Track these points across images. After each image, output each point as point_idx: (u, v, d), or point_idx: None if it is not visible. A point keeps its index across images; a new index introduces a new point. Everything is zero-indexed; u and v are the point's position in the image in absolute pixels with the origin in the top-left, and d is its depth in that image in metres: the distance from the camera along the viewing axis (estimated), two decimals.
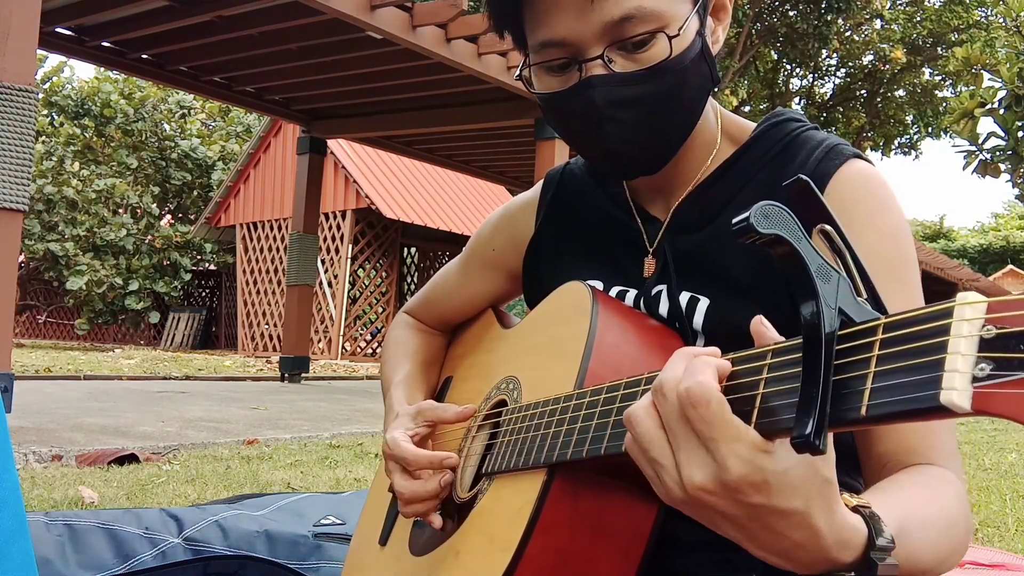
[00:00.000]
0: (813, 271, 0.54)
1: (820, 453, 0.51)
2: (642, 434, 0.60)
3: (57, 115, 16.77)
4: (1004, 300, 0.44)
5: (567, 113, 0.89)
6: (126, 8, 5.95)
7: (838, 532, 0.58)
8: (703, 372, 0.57)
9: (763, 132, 0.93)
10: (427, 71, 6.71)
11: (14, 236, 3.79)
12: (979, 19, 18.68)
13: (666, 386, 0.59)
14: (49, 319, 18.14)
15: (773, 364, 0.56)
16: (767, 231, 0.54)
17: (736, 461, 0.55)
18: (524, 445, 0.82)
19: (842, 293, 0.54)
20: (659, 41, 0.83)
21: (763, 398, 0.56)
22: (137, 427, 4.44)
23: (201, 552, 1.42)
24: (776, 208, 0.55)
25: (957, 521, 0.71)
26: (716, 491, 0.56)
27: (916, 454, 0.77)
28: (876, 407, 0.49)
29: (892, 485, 0.73)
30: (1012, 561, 2.12)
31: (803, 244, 0.54)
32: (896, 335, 0.49)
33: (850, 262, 0.57)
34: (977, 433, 5.46)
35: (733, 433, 0.55)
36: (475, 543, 0.85)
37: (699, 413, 0.56)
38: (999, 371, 0.43)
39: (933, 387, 0.45)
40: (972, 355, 0.44)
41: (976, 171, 9.70)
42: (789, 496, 0.56)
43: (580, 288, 0.90)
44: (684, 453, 0.57)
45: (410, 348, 1.23)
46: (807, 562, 0.59)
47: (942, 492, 0.73)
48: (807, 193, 0.58)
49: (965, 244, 30.05)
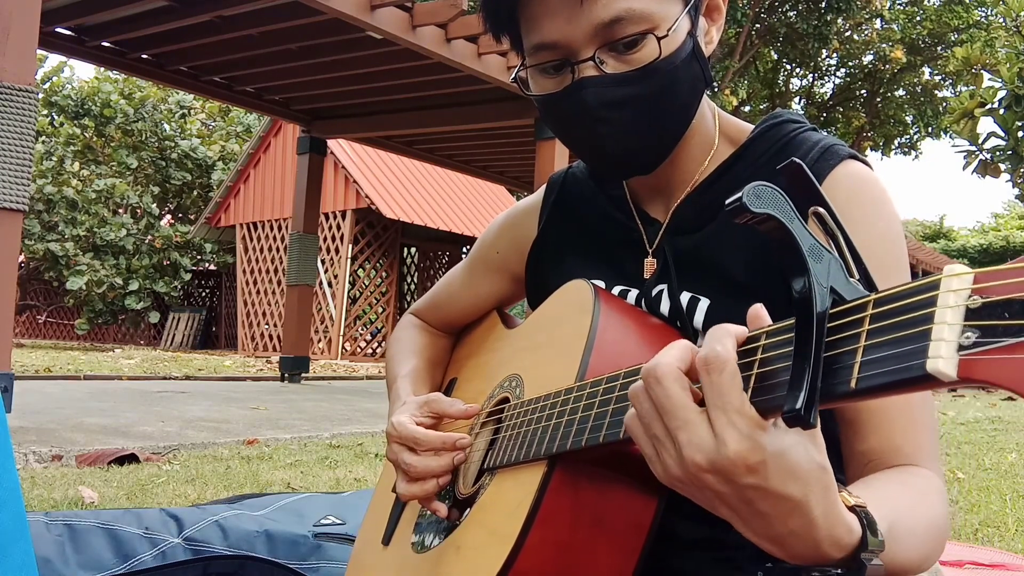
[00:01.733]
0: (805, 250, 0.54)
1: (811, 427, 0.52)
2: (646, 411, 0.61)
3: (57, 115, 16.77)
4: (991, 271, 0.44)
5: (562, 114, 0.90)
6: (126, 8, 5.95)
7: (832, 527, 0.58)
8: (723, 340, 0.58)
9: (761, 133, 0.94)
10: (427, 71, 6.72)
11: (14, 236, 3.79)
12: (979, 19, 18.67)
13: (660, 369, 0.60)
14: (49, 319, 18.15)
15: (768, 344, 0.57)
16: (759, 210, 0.55)
17: (735, 434, 0.55)
18: (525, 439, 0.83)
19: (834, 273, 0.55)
20: (649, 42, 0.84)
21: (758, 377, 0.57)
22: (137, 427, 4.44)
23: (201, 552, 1.42)
24: (768, 189, 0.55)
25: (939, 525, 0.72)
26: (713, 469, 0.57)
27: (901, 454, 0.78)
28: (866, 379, 0.49)
29: (882, 485, 0.73)
30: (1012, 561, 2.12)
31: (795, 224, 0.55)
32: (885, 310, 0.50)
33: (842, 243, 0.57)
34: (977, 433, 5.46)
35: (737, 405, 0.56)
36: (476, 537, 0.86)
37: (712, 379, 0.56)
38: (984, 338, 0.43)
39: (920, 356, 0.46)
40: (958, 324, 0.44)
41: (976, 171, 9.70)
42: (786, 480, 0.56)
43: (583, 286, 0.91)
44: (684, 433, 0.58)
45: (416, 346, 1.25)
46: (798, 551, 0.59)
47: (927, 496, 0.74)
48: (800, 176, 0.59)
49: (965, 244, 30.03)
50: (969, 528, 2.64)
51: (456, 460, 0.94)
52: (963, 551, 2.17)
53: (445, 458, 0.94)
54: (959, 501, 3.06)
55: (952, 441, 4.98)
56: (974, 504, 3.02)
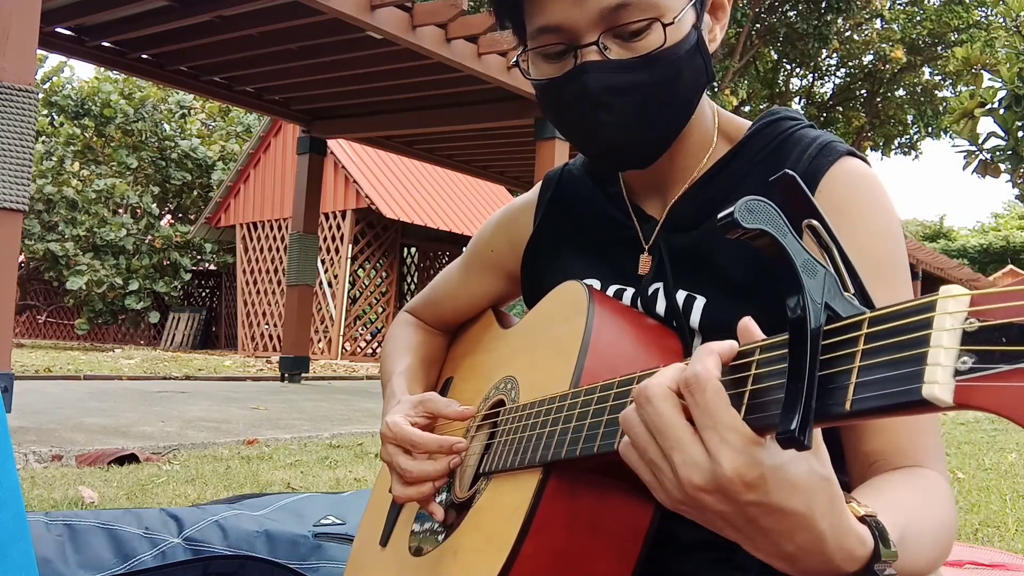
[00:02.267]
0: (799, 266, 0.54)
1: (805, 448, 0.50)
2: (639, 435, 0.60)
3: (57, 115, 16.76)
4: (987, 293, 0.43)
5: (562, 100, 0.89)
6: (126, 8, 5.95)
7: (842, 539, 0.57)
8: (704, 359, 0.57)
9: (758, 130, 0.94)
10: (427, 71, 6.71)
11: (14, 236, 3.79)
12: (979, 19, 18.67)
13: (650, 390, 0.59)
14: (49, 319, 18.14)
15: (761, 360, 0.56)
16: (751, 226, 0.54)
17: (728, 451, 0.55)
18: (520, 444, 0.82)
19: (828, 288, 0.54)
20: (654, 30, 0.84)
21: (751, 394, 0.56)
22: (137, 427, 4.44)
23: (201, 552, 1.42)
24: (761, 203, 0.54)
25: (947, 527, 0.72)
26: (712, 488, 0.56)
27: (905, 455, 0.77)
28: (860, 402, 0.48)
29: (891, 489, 0.72)
30: (1012, 561, 2.12)
31: (788, 239, 0.54)
32: (881, 329, 0.49)
33: (837, 257, 0.56)
34: (977, 433, 5.46)
35: (728, 421, 0.55)
36: (472, 542, 0.85)
37: (695, 399, 0.56)
38: (981, 364, 0.42)
39: (916, 381, 0.45)
40: (955, 348, 0.43)
41: (976, 171, 9.69)
42: (788, 494, 0.55)
43: (576, 287, 0.91)
44: (678, 453, 0.57)
45: (411, 343, 1.24)
46: (810, 568, 0.58)
47: (935, 499, 0.73)
48: (793, 188, 0.58)
49: (965, 244, 30.04)
50: (969, 528, 2.64)
51: (452, 464, 0.93)
52: (963, 551, 2.17)
53: (441, 462, 0.93)
54: (959, 501, 3.05)
55: (952, 441, 4.97)
56: (974, 504, 3.01)
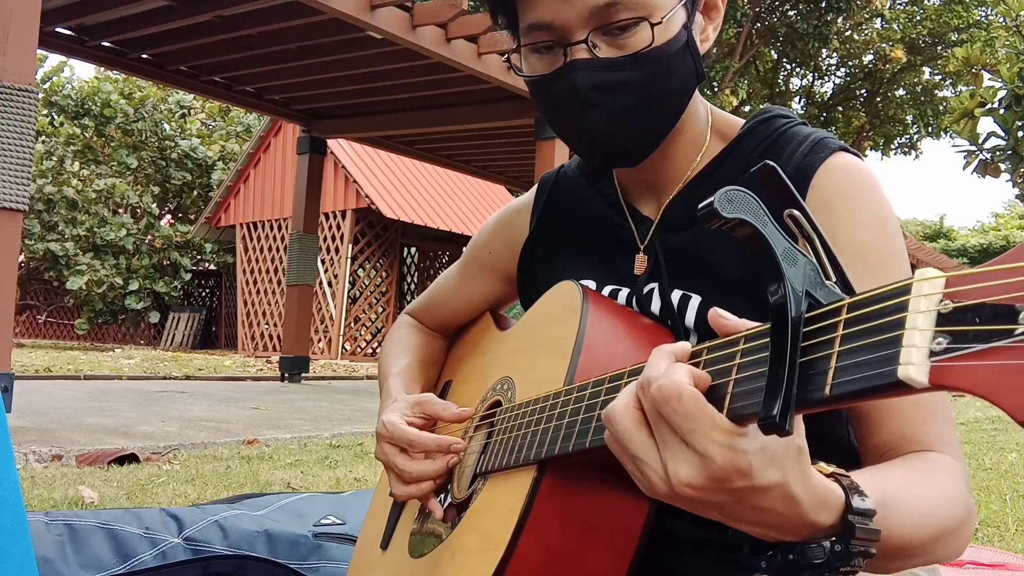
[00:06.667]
0: (779, 255, 0.54)
1: (787, 434, 0.51)
2: (621, 432, 0.61)
3: (57, 115, 16.77)
4: (962, 274, 0.44)
5: (551, 97, 0.90)
6: (126, 8, 5.95)
7: (814, 493, 0.59)
8: (674, 370, 0.58)
9: (751, 129, 0.94)
10: (427, 71, 6.72)
11: (14, 236, 3.80)
12: (979, 19, 18.67)
13: (646, 383, 0.60)
14: (49, 319, 18.14)
15: (745, 350, 0.57)
16: (731, 215, 0.54)
17: (717, 449, 0.56)
18: (515, 443, 0.83)
19: (809, 276, 0.54)
20: (642, 29, 0.84)
21: (735, 383, 0.57)
22: (137, 427, 4.44)
23: (201, 552, 1.43)
24: (741, 193, 0.55)
25: (952, 498, 0.71)
26: (704, 485, 0.57)
27: (915, 443, 0.77)
28: (839, 386, 0.49)
29: (880, 465, 0.74)
30: (1012, 561, 2.13)
31: (768, 228, 0.54)
32: (859, 314, 0.49)
33: (819, 246, 0.57)
34: (977, 433, 5.46)
35: (709, 423, 0.56)
36: (469, 542, 0.86)
37: (672, 407, 0.57)
38: (955, 344, 0.43)
39: (891, 363, 0.45)
40: (929, 330, 0.44)
41: (976, 171, 9.69)
42: (768, 471, 0.57)
43: (571, 287, 0.91)
44: (669, 450, 0.58)
45: (410, 345, 1.24)
46: (788, 528, 0.59)
47: (933, 474, 0.73)
48: (774, 178, 0.58)
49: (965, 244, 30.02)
50: None
51: (450, 463, 0.94)
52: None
53: (439, 461, 0.93)
54: None
55: None
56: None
